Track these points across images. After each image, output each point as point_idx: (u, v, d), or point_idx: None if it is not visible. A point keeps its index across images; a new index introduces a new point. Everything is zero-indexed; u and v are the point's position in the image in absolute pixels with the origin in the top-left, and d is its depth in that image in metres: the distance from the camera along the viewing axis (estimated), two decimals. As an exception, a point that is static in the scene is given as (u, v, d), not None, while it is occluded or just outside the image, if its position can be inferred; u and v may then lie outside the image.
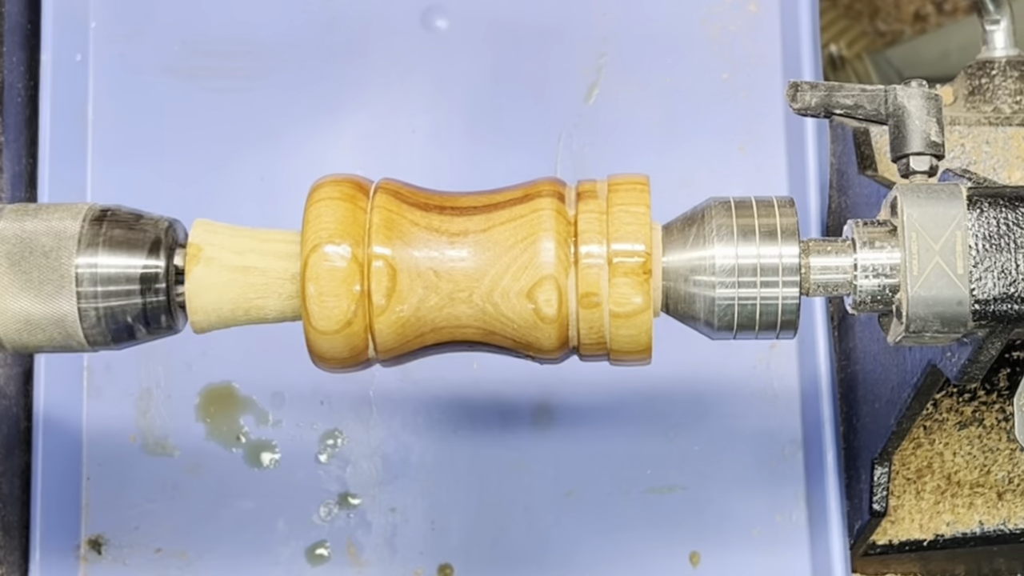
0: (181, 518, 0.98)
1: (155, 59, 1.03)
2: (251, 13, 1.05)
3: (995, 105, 0.93)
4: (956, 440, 0.91)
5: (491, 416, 1.01)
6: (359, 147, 1.04)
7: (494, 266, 0.69)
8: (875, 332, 0.89)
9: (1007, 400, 0.89)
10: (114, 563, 0.97)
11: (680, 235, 0.71)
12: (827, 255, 0.71)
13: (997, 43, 0.94)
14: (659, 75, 1.06)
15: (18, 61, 0.98)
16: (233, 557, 0.98)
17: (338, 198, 0.70)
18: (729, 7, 1.07)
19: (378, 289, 0.69)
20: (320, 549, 0.98)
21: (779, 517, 1.00)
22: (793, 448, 1.01)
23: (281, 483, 0.99)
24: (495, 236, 0.70)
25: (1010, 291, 0.69)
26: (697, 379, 0.86)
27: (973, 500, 0.96)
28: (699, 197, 0.74)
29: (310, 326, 0.69)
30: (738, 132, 1.05)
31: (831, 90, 0.78)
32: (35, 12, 1.01)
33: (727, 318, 0.71)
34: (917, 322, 0.69)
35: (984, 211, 0.69)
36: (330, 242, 0.69)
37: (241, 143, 1.02)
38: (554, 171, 1.04)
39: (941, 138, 0.75)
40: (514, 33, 1.06)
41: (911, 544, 0.96)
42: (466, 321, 0.70)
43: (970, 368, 0.73)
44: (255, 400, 1.00)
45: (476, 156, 1.04)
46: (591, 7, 1.06)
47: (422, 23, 1.06)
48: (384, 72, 1.05)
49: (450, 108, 1.05)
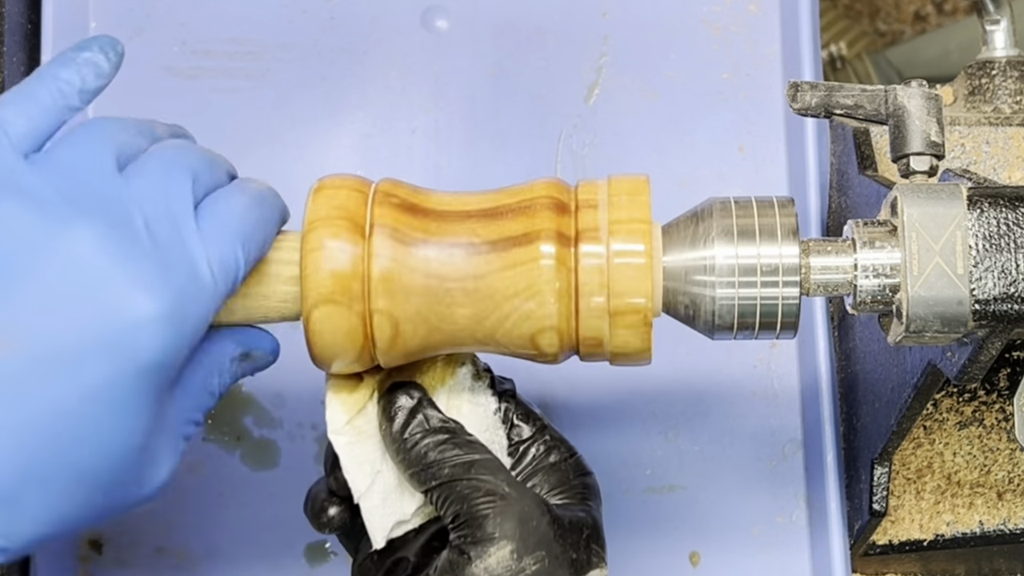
0: (181, 518, 0.98)
1: (155, 59, 1.03)
2: (251, 13, 1.05)
3: (995, 105, 0.93)
4: (956, 440, 0.91)
5: (491, 416, 1.01)
6: (359, 147, 1.04)
7: (494, 313, 0.70)
8: (875, 332, 0.89)
9: (1007, 400, 0.89)
10: (114, 563, 0.97)
11: (680, 235, 0.71)
12: (827, 255, 0.71)
13: (997, 43, 0.94)
14: (659, 75, 1.06)
15: (18, 61, 0.98)
16: (233, 557, 0.98)
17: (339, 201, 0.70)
18: (729, 7, 1.07)
19: (381, 337, 0.70)
20: (320, 549, 0.98)
21: (779, 517, 1.00)
22: (793, 448, 1.01)
23: (281, 483, 0.99)
24: (495, 283, 0.70)
25: (1010, 291, 0.69)
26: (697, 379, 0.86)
27: (973, 500, 0.96)
28: (699, 197, 0.74)
29: (310, 325, 0.70)
30: (738, 132, 1.05)
31: (831, 90, 0.78)
32: (35, 12, 1.01)
33: (727, 318, 0.71)
34: (917, 322, 0.69)
35: (984, 211, 0.69)
36: (330, 242, 0.69)
37: (241, 143, 1.02)
38: (554, 171, 1.04)
39: (941, 138, 0.75)
40: (514, 33, 1.06)
41: (911, 544, 0.96)
42: (465, 337, 0.71)
43: (970, 368, 0.73)
44: (255, 400, 1.00)
45: (476, 156, 1.04)
46: (591, 7, 1.06)
47: (422, 23, 1.06)
48: (384, 72, 1.05)
49: (450, 108, 1.05)
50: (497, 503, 0.71)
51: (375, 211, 0.70)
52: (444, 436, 0.73)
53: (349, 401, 0.74)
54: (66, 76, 0.66)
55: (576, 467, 0.77)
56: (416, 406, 0.74)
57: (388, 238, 0.70)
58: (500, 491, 0.71)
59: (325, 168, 0.77)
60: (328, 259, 0.69)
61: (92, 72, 0.67)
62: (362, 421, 0.75)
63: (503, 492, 0.71)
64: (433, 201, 0.72)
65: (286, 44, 1.05)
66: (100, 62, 0.67)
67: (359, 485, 0.74)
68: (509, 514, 0.71)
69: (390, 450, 0.74)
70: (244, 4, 1.05)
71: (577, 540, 0.73)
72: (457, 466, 0.72)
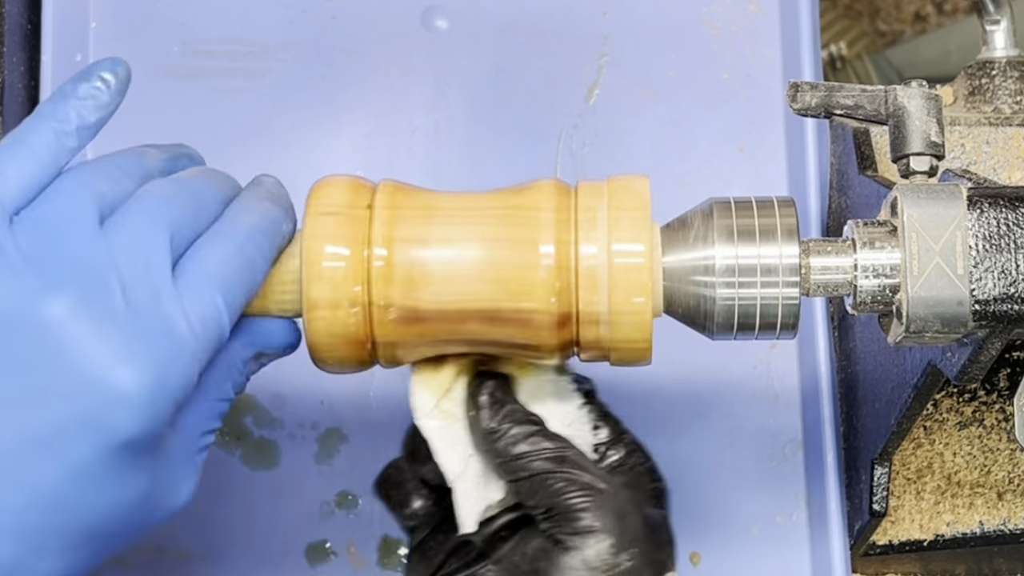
0: (181, 518, 0.97)
1: (155, 59, 1.03)
2: (251, 13, 1.05)
3: (995, 105, 0.93)
4: (956, 440, 0.91)
5: (491, 416, 1.01)
6: (359, 147, 1.04)
7: (495, 267, 0.70)
8: (875, 332, 0.89)
9: (1007, 400, 0.89)
10: (114, 563, 0.97)
11: (680, 235, 0.71)
12: (827, 255, 0.71)
13: (997, 43, 0.93)
14: (659, 75, 1.06)
15: (18, 61, 0.98)
16: (233, 557, 0.98)
17: (339, 202, 0.70)
18: (729, 7, 1.07)
19: (378, 289, 0.69)
20: (320, 549, 0.98)
21: (779, 517, 1.00)
22: (793, 448, 1.01)
23: (281, 483, 0.99)
24: (497, 231, 0.70)
25: (1010, 291, 0.69)
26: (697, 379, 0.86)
27: (973, 500, 0.96)
28: (699, 197, 0.74)
29: (309, 318, 0.69)
30: (738, 132, 1.05)
31: (831, 90, 0.78)
32: (35, 12, 1.01)
33: (727, 318, 0.71)
34: (917, 322, 0.69)
35: (984, 211, 0.69)
36: (331, 243, 0.69)
37: (241, 143, 1.02)
38: (554, 171, 1.04)
39: (941, 138, 0.75)
40: (514, 33, 1.06)
41: (911, 544, 0.96)
42: (467, 316, 0.70)
43: (970, 368, 0.73)
44: (256, 400, 1.00)
45: (476, 156, 1.04)
46: (591, 7, 1.06)
47: (422, 23, 1.06)
48: (384, 72, 1.05)
49: (450, 108, 1.05)
50: (595, 497, 0.71)
51: (375, 211, 0.71)
52: (533, 428, 0.73)
53: (434, 383, 0.74)
54: (62, 115, 0.65)
55: (651, 472, 0.77)
56: (504, 396, 0.74)
57: (391, 199, 0.70)
58: (597, 486, 0.72)
59: (325, 168, 0.76)
60: (328, 261, 0.69)
61: (91, 106, 0.66)
62: (450, 404, 0.74)
63: (600, 487, 0.72)
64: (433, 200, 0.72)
65: (286, 44, 1.05)
66: (99, 94, 0.66)
67: (454, 468, 0.74)
68: (608, 509, 0.71)
69: (477, 438, 0.74)
70: (244, 4, 1.05)
71: (661, 541, 0.74)
72: (550, 459, 0.72)
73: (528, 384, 0.76)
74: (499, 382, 0.74)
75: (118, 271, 0.62)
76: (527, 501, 0.73)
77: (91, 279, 0.62)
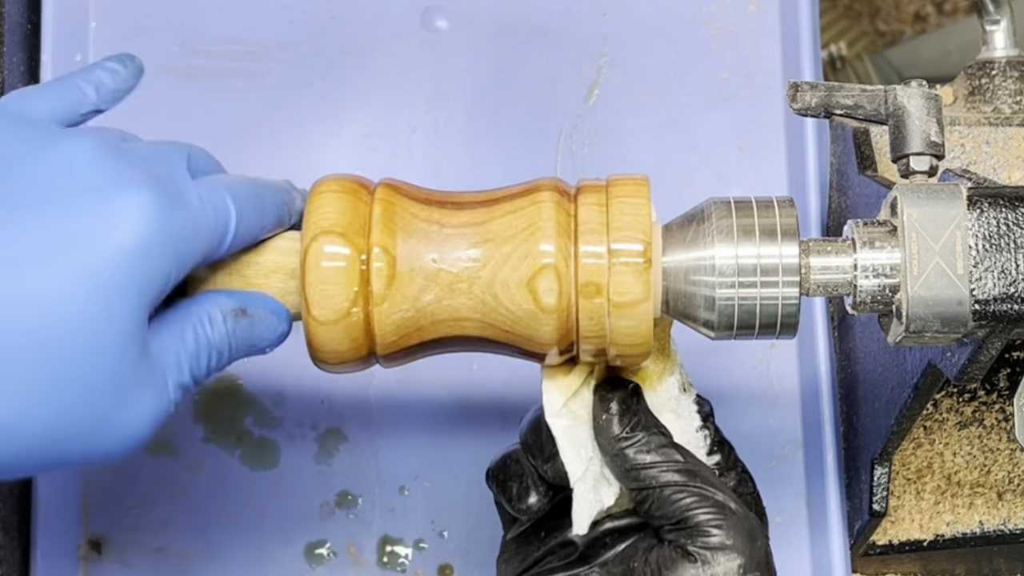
0: (181, 518, 0.98)
1: (155, 59, 1.03)
2: (251, 13, 1.05)
3: (995, 105, 0.93)
4: (956, 440, 0.91)
5: (491, 416, 1.01)
6: (359, 147, 1.04)
7: (494, 256, 0.70)
8: (875, 332, 0.89)
9: (1007, 400, 0.89)
10: (114, 563, 0.97)
11: (680, 235, 0.71)
12: (827, 255, 0.71)
13: (997, 43, 0.94)
14: (659, 75, 1.06)
15: (18, 61, 0.98)
16: (233, 557, 0.98)
17: (340, 191, 0.71)
18: (729, 7, 1.07)
19: (378, 279, 0.69)
20: (320, 549, 0.98)
21: (779, 517, 1.00)
22: (793, 448, 1.01)
23: (281, 483, 0.99)
24: (495, 227, 0.70)
25: (1010, 291, 0.69)
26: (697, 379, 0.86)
27: (973, 500, 0.96)
28: (699, 197, 0.74)
29: (309, 316, 0.69)
30: (738, 132, 1.05)
31: (831, 90, 0.78)
32: (35, 12, 1.01)
33: (727, 318, 0.71)
34: (917, 322, 0.69)
35: (984, 211, 0.69)
36: (331, 231, 0.69)
37: (241, 143, 1.02)
38: (554, 171, 1.04)
39: (941, 138, 0.75)
40: (514, 33, 1.06)
41: (911, 544, 0.96)
42: (465, 313, 0.70)
43: (970, 368, 0.73)
44: (256, 400, 1.00)
45: (476, 156, 1.04)
46: (591, 7, 1.06)
47: (422, 23, 1.06)
48: (384, 72, 1.05)
49: (450, 108, 1.05)
50: (728, 516, 0.72)
51: (375, 211, 0.71)
52: (664, 439, 0.74)
53: (564, 384, 0.74)
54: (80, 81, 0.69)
55: (757, 501, 0.79)
56: (635, 403, 0.75)
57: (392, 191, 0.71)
58: (729, 505, 0.73)
59: (325, 168, 0.76)
60: (328, 261, 0.69)
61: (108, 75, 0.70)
62: (577, 405, 0.75)
63: (732, 507, 0.73)
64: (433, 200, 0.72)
65: (286, 44, 1.05)
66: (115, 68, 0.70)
67: (576, 469, 0.74)
68: (740, 529, 0.72)
69: (602, 442, 0.74)
70: (244, 4, 1.05)
71: (773, 571, 0.75)
72: (681, 472, 0.73)
73: (652, 398, 0.76)
74: (631, 389, 0.75)
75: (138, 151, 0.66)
76: (654, 511, 0.73)
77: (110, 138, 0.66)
